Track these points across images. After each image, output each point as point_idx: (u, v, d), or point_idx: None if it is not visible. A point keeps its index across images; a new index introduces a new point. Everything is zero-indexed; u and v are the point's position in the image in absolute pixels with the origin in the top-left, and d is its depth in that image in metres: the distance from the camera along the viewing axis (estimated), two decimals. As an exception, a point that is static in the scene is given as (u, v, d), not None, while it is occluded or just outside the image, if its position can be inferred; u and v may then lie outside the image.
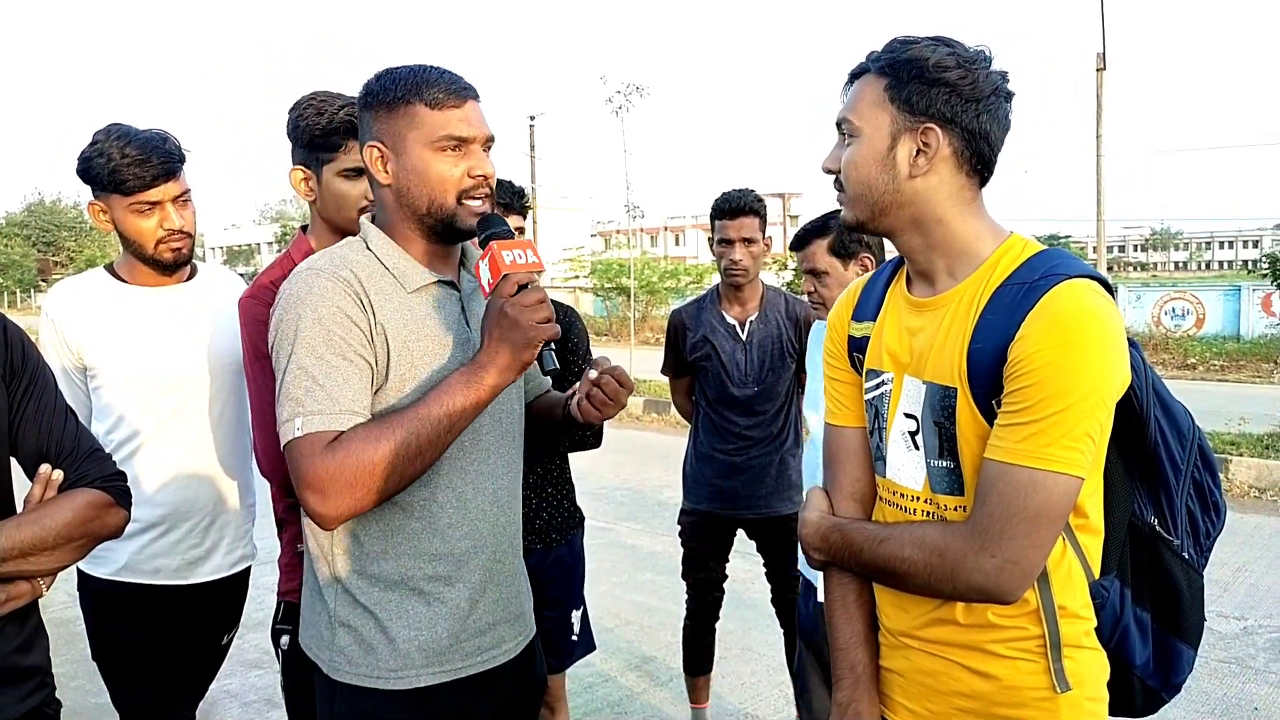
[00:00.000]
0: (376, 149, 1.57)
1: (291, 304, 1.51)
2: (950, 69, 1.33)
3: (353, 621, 1.57)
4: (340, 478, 1.40)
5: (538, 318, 1.48)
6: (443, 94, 1.54)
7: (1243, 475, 7.44)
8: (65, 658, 4.56)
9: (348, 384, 1.47)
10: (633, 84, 14.02)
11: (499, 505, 1.67)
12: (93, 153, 2.14)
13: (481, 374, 1.48)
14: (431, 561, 1.58)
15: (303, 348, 1.47)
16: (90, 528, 1.54)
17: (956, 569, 1.29)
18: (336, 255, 1.59)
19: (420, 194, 1.56)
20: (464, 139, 1.55)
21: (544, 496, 2.73)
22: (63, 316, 2.23)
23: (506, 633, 1.69)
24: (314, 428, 1.43)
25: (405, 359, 1.54)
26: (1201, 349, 16.18)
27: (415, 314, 1.57)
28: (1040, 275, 1.29)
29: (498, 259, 1.50)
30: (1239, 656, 4.19)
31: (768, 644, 4.34)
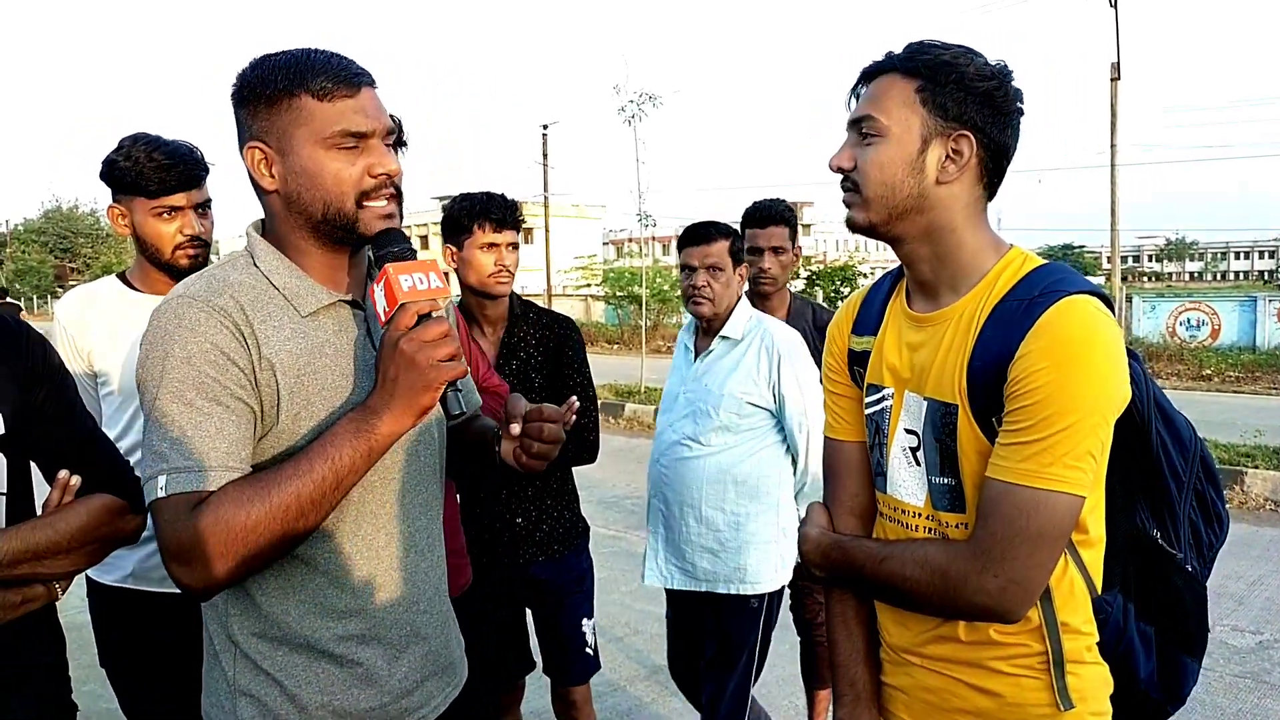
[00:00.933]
0: (258, 150, 1.35)
1: (159, 338, 1.29)
2: (987, 79, 1.32)
3: (255, 690, 1.38)
4: (207, 545, 1.21)
5: (439, 355, 1.27)
6: (331, 82, 1.32)
7: (1258, 488, 7.36)
8: (78, 662, 4.51)
9: (221, 434, 1.26)
10: (646, 92, 14.00)
11: (417, 550, 1.49)
12: (119, 156, 2.17)
13: (374, 421, 1.28)
14: (341, 620, 1.39)
15: (168, 392, 1.26)
16: (104, 532, 1.55)
17: (959, 589, 1.29)
18: (216, 278, 1.36)
19: (313, 199, 1.34)
20: (361, 133, 1.33)
21: (544, 508, 2.68)
22: (74, 323, 2.25)
23: (435, 688, 1.52)
24: (179, 488, 1.23)
25: (299, 396, 1.34)
26: (1217, 360, 16.05)
27: (310, 342, 1.37)
28: (1040, 291, 1.28)
29: (393, 285, 1.29)
30: (1254, 671, 4.15)
31: (778, 655, 4.31)
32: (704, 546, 2.79)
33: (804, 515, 1.59)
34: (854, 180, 1.40)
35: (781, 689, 4.00)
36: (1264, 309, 17.79)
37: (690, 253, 2.83)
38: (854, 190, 1.40)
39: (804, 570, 3.17)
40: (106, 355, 2.23)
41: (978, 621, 1.34)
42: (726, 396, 2.73)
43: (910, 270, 1.45)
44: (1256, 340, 17.53)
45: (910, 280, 1.47)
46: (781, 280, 3.18)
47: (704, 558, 2.79)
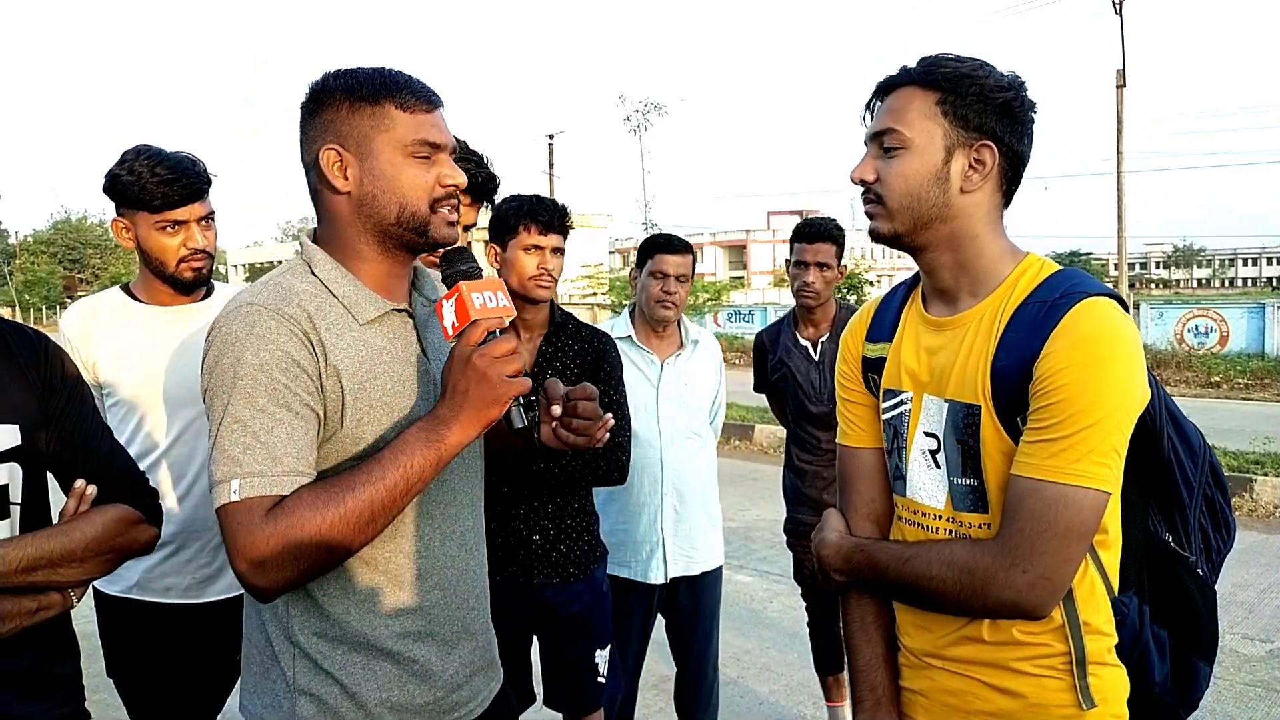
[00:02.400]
0: (334, 152, 1.40)
1: (229, 345, 1.33)
2: (1006, 90, 1.36)
3: (315, 689, 1.42)
4: (282, 550, 1.25)
5: (508, 370, 1.33)
6: (414, 97, 1.41)
7: (1268, 495, 7.32)
8: (88, 671, 4.52)
9: (292, 439, 1.30)
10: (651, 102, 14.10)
11: (467, 549, 1.55)
12: (122, 170, 2.17)
13: (443, 431, 1.33)
14: (399, 618, 1.45)
15: (241, 397, 1.30)
16: (118, 542, 1.57)
17: (988, 586, 1.30)
18: (280, 286, 1.40)
19: (389, 201, 1.41)
20: (436, 145, 1.42)
21: (563, 528, 2.56)
22: (77, 335, 2.26)
23: (481, 683, 1.59)
24: (253, 492, 1.27)
25: (362, 401, 1.39)
26: (1225, 367, 15.98)
27: (370, 349, 1.42)
28: (1060, 294, 1.31)
29: (466, 302, 1.36)
30: (1264, 680, 4.13)
31: (786, 663, 4.31)
32: (705, 530, 3.08)
33: (821, 522, 1.59)
34: (877, 192, 1.41)
35: (791, 698, 4.00)
36: (1272, 316, 17.69)
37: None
38: (878, 202, 1.42)
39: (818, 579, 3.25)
40: (111, 366, 2.24)
41: (1005, 619, 1.34)
42: (710, 391, 3.15)
43: (930, 277, 1.47)
44: (1265, 347, 17.44)
45: (928, 286, 1.49)
46: (824, 295, 3.30)
47: (704, 540, 3.07)
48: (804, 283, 3.26)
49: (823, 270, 3.25)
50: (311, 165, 1.44)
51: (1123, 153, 20.39)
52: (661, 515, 2.97)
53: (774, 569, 5.81)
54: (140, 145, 2.22)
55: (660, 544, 2.97)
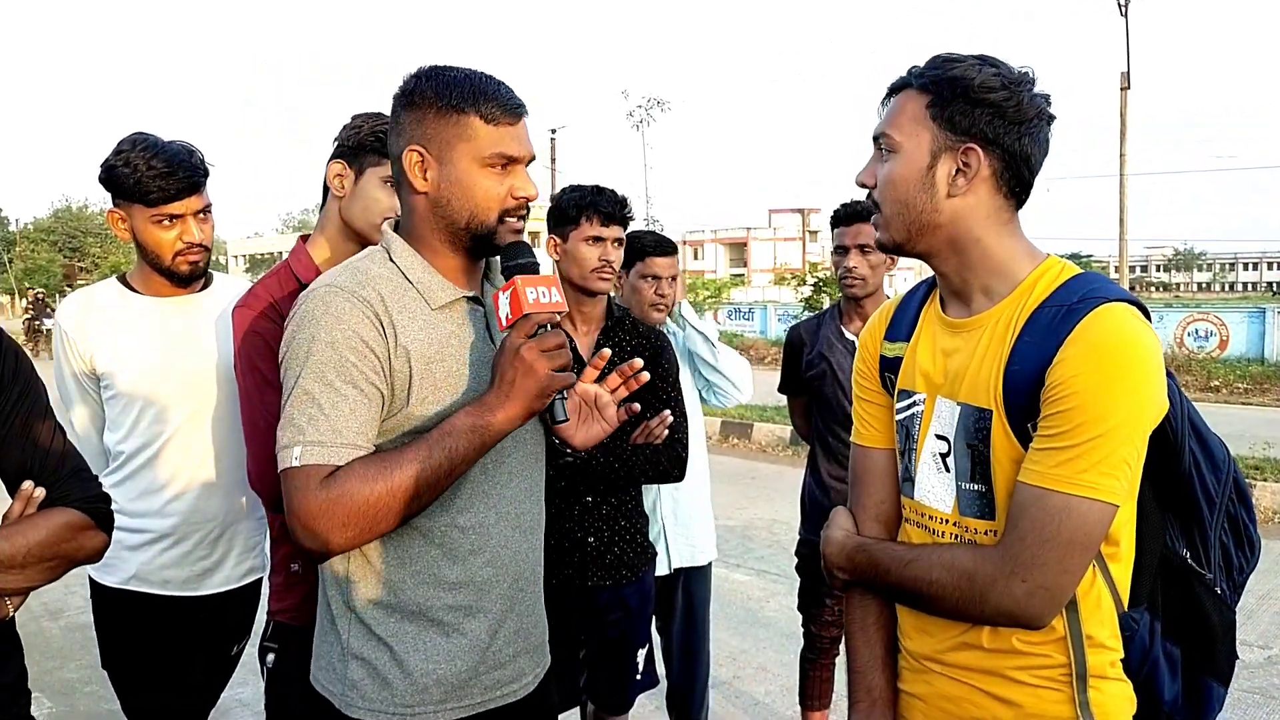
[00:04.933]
0: (417, 153, 1.48)
1: (306, 322, 1.44)
2: (995, 89, 1.32)
3: (367, 654, 1.51)
4: (333, 515, 1.35)
5: (555, 364, 1.41)
6: (499, 109, 1.47)
7: (1267, 501, 7.31)
8: (81, 663, 4.58)
9: (354, 414, 1.40)
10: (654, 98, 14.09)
11: (521, 531, 1.60)
12: (118, 161, 2.14)
13: (489, 418, 1.41)
14: (451, 591, 1.52)
15: (311, 371, 1.41)
16: (65, 549, 1.48)
17: (986, 593, 1.29)
18: (359, 270, 1.50)
19: (462, 207, 1.49)
20: (514, 158, 1.49)
21: (617, 529, 2.53)
22: (74, 326, 2.24)
23: (526, 665, 1.63)
24: (312, 459, 1.37)
25: (428, 380, 1.47)
26: (1225, 371, 15.96)
27: (440, 332, 1.50)
28: (1079, 298, 1.28)
29: (520, 296, 1.42)
30: (1262, 687, 4.12)
31: (782, 664, 4.30)
32: (701, 520, 3.06)
33: (829, 518, 1.58)
34: (876, 199, 1.42)
35: (787, 698, 3.98)
36: (1273, 320, 17.67)
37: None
38: (877, 209, 1.42)
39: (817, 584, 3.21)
40: (109, 358, 2.22)
41: (1003, 627, 1.33)
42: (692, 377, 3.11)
43: (943, 281, 1.46)
44: (1265, 352, 17.42)
45: (943, 289, 1.47)
46: (873, 281, 3.00)
47: (701, 530, 3.05)
48: (846, 269, 3.00)
49: (865, 254, 2.96)
50: (396, 160, 1.52)
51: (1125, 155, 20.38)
52: (660, 505, 2.95)
53: (771, 568, 5.80)
54: (136, 134, 2.19)
55: (663, 534, 2.95)
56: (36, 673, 4.40)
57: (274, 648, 1.94)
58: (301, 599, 1.93)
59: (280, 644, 1.93)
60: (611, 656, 2.62)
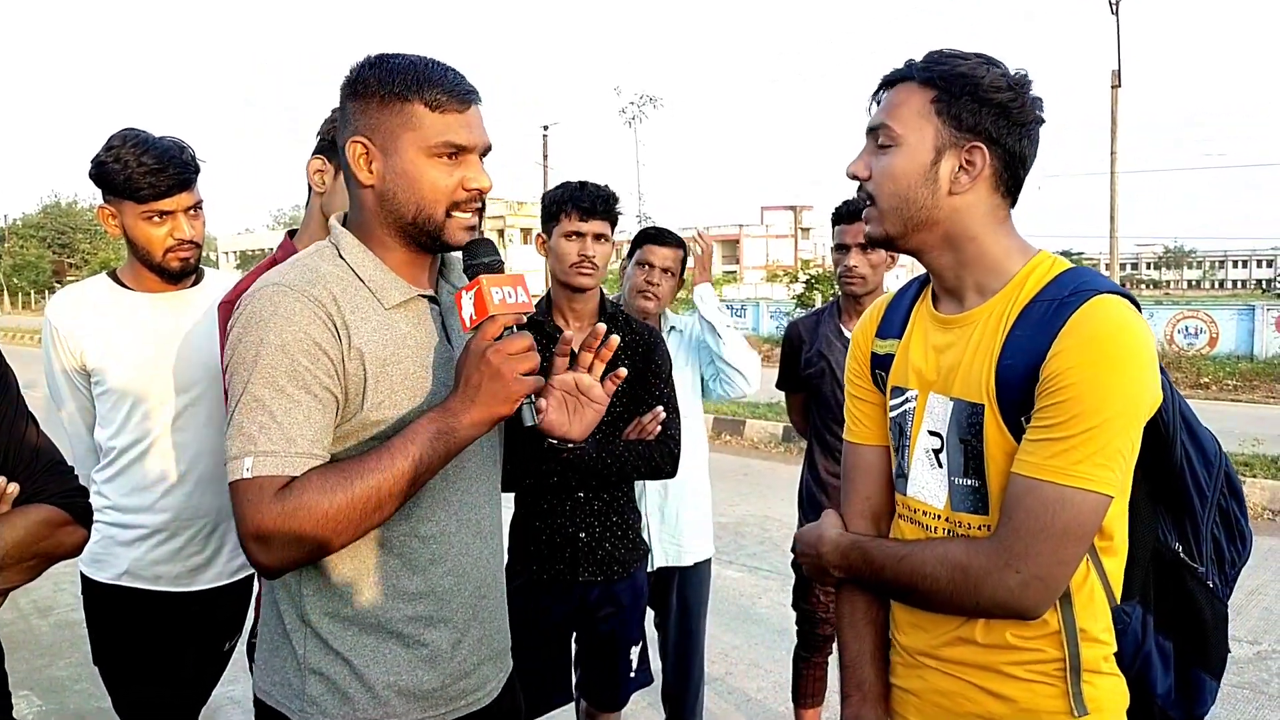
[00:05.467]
0: (361, 144, 1.41)
1: (253, 324, 1.34)
2: (1002, 90, 1.32)
3: (325, 668, 1.44)
4: (288, 530, 1.27)
5: (522, 368, 1.34)
6: (446, 96, 1.39)
7: (1256, 497, 7.35)
8: (70, 660, 4.56)
9: (309, 421, 1.32)
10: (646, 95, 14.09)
11: (482, 537, 1.55)
12: (108, 157, 2.13)
13: (453, 423, 1.34)
14: (412, 601, 1.46)
15: (261, 377, 1.31)
16: (43, 546, 1.43)
17: (980, 585, 1.28)
18: (308, 268, 1.41)
19: (407, 201, 1.41)
20: (463, 147, 1.41)
21: (609, 525, 2.54)
22: (64, 322, 2.23)
23: (490, 672, 1.59)
24: (265, 470, 1.28)
25: (384, 384, 1.40)
26: (1214, 368, 16.04)
27: (394, 333, 1.43)
28: (1070, 291, 1.29)
29: (485, 296, 1.35)
30: (1252, 682, 4.14)
31: (774, 660, 4.30)
32: (692, 519, 3.04)
33: (819, 520, 1.58)
34: (869, 191, 1.40)
35: (779, 694, 3.98)
36: (1262, 318, 17.77)
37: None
38: (870, 203, 1.40)
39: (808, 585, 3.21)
40: (99, 353, 2.21)
41: (997, 618, 1.33)
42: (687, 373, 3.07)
43: (936, 277, 1.45)
44: (1254, 349, 17.52)
45: (936, 285, 1.47)
46: (873, 280, 2.98)
47: (691, 529, 3.03)
48: (846, 267, 2.97)
49: (866, 252, 2.93)
50: (341, 152, 1.45)
51: (1116, 153, 20.44)
52: (645, 503, 2.93)
53: (763, 565, 5.81)
54: (127, 130, 2.17)
55: (646, 531, 2.93)
56: (26, 670, 4.39)
57: None
58: None
59: None
60: (603, 653, 2.62)
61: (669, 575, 3.02)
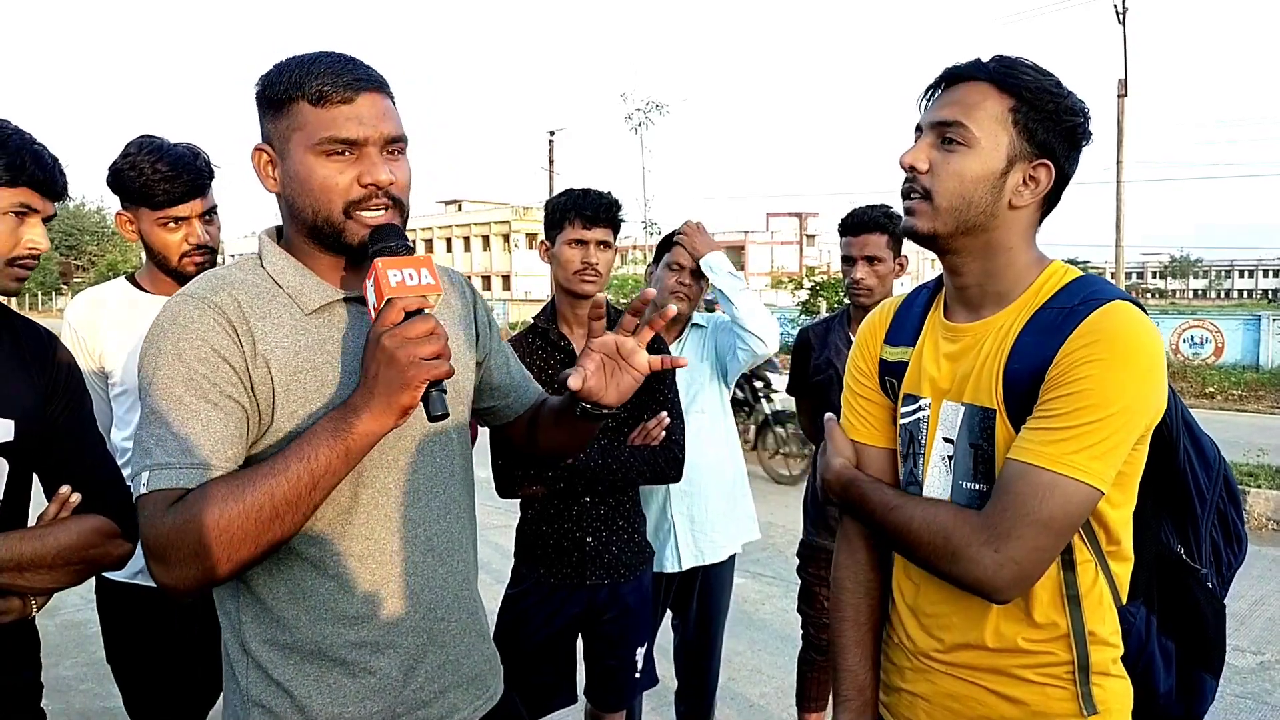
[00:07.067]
0: (265, 153, 1.35)
1: (154, 335, 1.29)
2: (1076, 114, 1.34)
3: (267, 701, 1.36)
4: (181, 544, 1.18)
5: (422, 352, 1.21)
6: (329, 87, 1.29)
7: (1260, 507, 7.33)
8: (76, 660, 4.57)
9: (207, 431, 1.24)
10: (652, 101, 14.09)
11: (435, 554, 1.44)
12: (124, 164, 2.17)
13: (352, 419, 1.22)
14: (353, 626, 1.35)
15: (158, 388, 1.25)
16: (91, 554, 1.53)
17: (957, 554, 1.29)
18: (218, 276, 1.35)
19: (304, 204, 1.33)
20: (351, 140, 1.29)
21: (615, 529, 2.55)
22: (83, 325, 2.27)
23: (459, 699, 1.47)
24: (159, 484, 1.21)
25: (295, 393, 1.31)
26: (1220, 378, 16.01)
27: (312, 339, 1.34)
28: (1080, 300, 1.30)
29: (381, 280, 1.24)
30: (1255, 692, 4.13)
31: (777, 666, 4.31)
32: (723, 513, 3.01)
33: (827, 442, 1.58)
34: (925, 186, 1.36)
35: (782, 700, 3.99)
36: (1268, 328, 17.74)
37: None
38: (924, 197, 1.37)
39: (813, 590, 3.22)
40: (116, 356, 2.24)
41: (968, 591, 1.32)
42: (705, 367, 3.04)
43: (955, 281, 1.44)
44: (1260, 359, 17.49)
45: (952, 291, 1.47)
46: (880, 292, 2.97)
47: (721, 524, 3.01)
48: (853, 280, 2.98)
49: (873, 264, 2.95)
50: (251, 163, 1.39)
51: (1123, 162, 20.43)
52: (671, 500, 2.93)
53: (766, 571, 5.81)
54: (142, 137, 2.21)
55: (672, 531, 2.94)
56: (32, 670, 4.41)
57: None
58: None
59: None
60: (609, 655, 2.63)
61: (693, 576, 3.01)
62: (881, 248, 2.96)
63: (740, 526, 3.13)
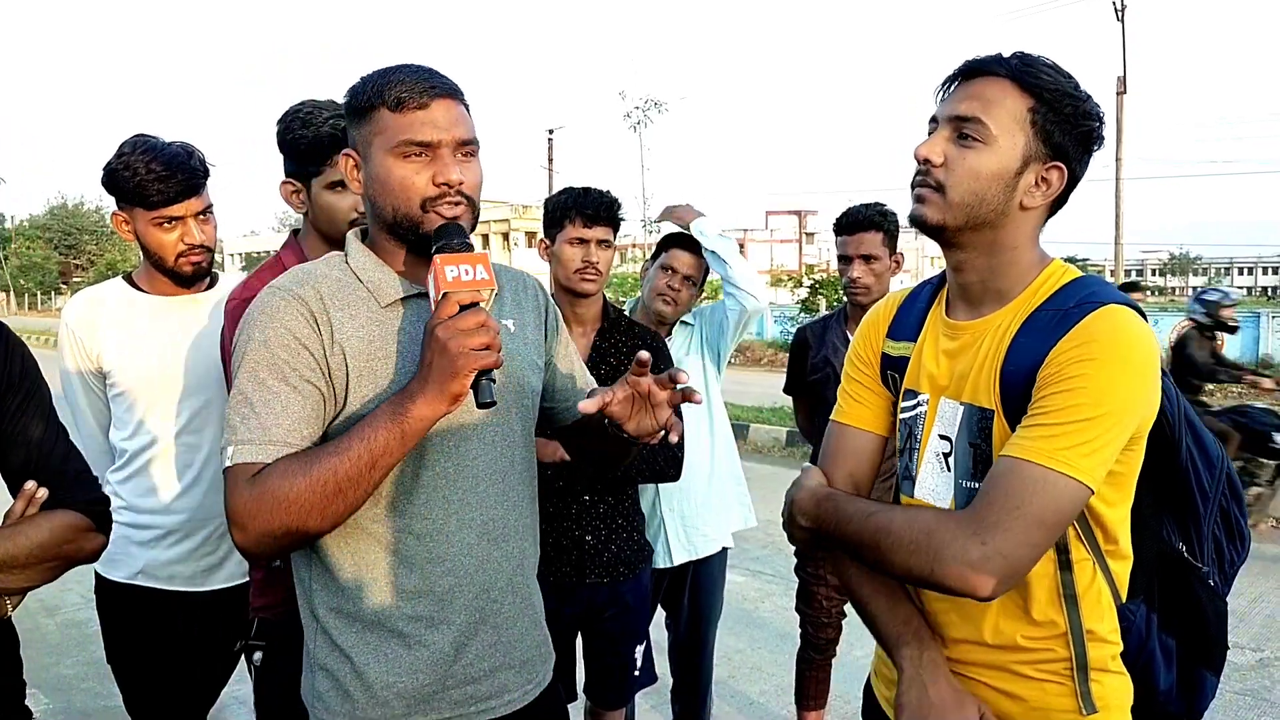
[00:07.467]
0: (351, 157, 1.49)
1: (245, 323, 1.43)
2: (1092, 119, 1.34)
3: (330, 665, 1.47)
4: (257, 513, 1.31)
5: (472, 344, 1.29)
6: (406, 94, 1.41)
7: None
8: (77, 659, 4.55)
9: (285, 412, 1.36)
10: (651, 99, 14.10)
11: (490, 539, 1.52)
12: (118, 165, 2.15)
13: (408, 405, 1.33)
14: (410, 600, 1.46)
15: (246, 371, 1.39)
16: (65, 550, 1.50)
17: (941, 551, 1.23)
18: (304, 271, 1.49)
19: (385, 203, 1.45)
20: (426, 143, 1.42)
21: (614, 528, 2.55)
22: (81, 325, 2.26)
23: (510, 680, 1.55)
24: (241, 458, 1.34)
25: (368, 379, 1.43)
26: (1219, 375, 16.01)
27: (385, 330, 1.46)
28: (1075, 302, 1.30)
29: (438, 274, 1.34)
30: (1254, 689, 4.14)
31: (776, 664, 4.31)
32: (714, 508, 3.01)
33: (800, 475, 1.55)
34: (939, 179, 1.35)
35: (782, 698, 3.99)
36: (1267, 325, 17.74)
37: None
38: (936, 189, 1.35)
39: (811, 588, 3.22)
40: (115, 356, 2.24)
41: (946, 593, 1.29)
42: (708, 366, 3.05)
43: (957, 275, 1.44)
44: (1259, 356, 17.49)
45: (954, 287, 1.46)
46: (877, 290, 2.97)
47: (713, 518, 3.00)
48: (850, 279, 2.99)
49: (869, 263, 2.96)
50: None
51: (1121, 159, 20.43)
52: (660, 496, 2.93)
53: (766, 569, 5.82)
54: (137, 137, 2.20)
55: (663, 526, 2.94)
56: (33, 669, 4.37)
57: (260, 645, 1.94)
58: (285, 595, 1.93)
59: (266, 640, 1.94)
60: (609, 652, 2.64)
61: (683, 571, 3.01)
62: (877, 246, 2.96)
63: (731, 516, 3.13)
